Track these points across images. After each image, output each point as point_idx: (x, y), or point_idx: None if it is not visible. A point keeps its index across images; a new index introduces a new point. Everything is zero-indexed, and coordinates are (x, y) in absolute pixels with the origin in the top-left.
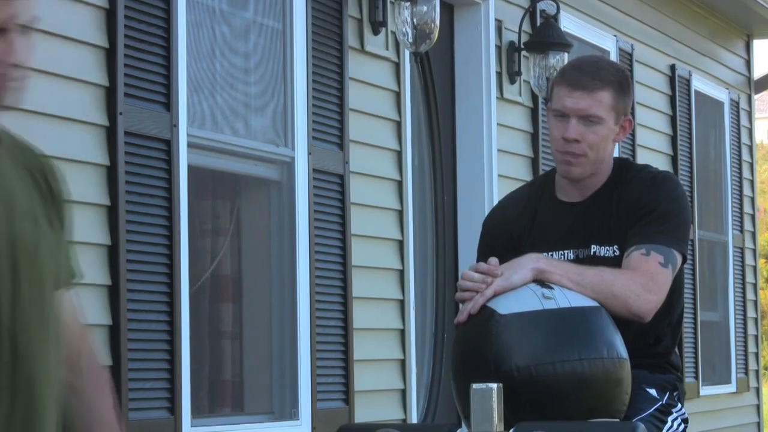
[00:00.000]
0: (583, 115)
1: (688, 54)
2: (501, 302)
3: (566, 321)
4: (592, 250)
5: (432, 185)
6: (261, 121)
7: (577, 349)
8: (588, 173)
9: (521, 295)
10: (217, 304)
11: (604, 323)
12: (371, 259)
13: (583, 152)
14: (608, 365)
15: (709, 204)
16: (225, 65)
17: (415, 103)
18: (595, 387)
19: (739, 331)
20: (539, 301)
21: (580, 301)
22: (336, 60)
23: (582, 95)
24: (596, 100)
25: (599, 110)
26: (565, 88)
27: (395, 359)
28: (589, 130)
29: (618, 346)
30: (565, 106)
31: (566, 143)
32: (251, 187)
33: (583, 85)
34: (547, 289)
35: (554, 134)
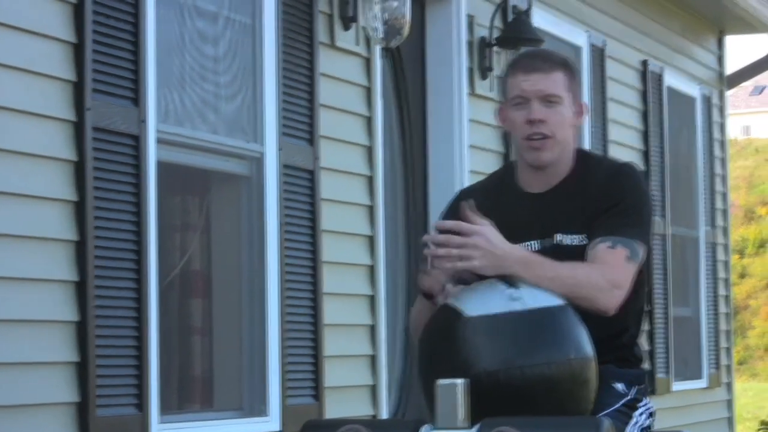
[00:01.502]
0: (543, 96)
1: (660, 50)
2: (467, 302)
3: (533, 323)
4: (556, 239)
5: (403, 181)
6: (230, 116)
7: (544, 352)
8: (556, 158)
9: (488, 295)
10: (187, 300)
11: (572, 322)
12: (341, 254)
13: (551, 133)
14: (575, 366)
15: (681, 199)
16: (194, 60)
17: (386, 99)
18: (562, 389)
19: (710, 326)
20: (506, 302)
21: (547, 300)
22: (306, 55)
23: (539, 76)
24: (552, 80)
25: (557, 89)
26: (520, 74)
27: (366, 355)
28: (551, 111)
29: (585, 344)
30: (524, 89)
31: (532, 126)
32: (220, 183)
33: (537, 67)
34: (514, 289)
35: (517, 122)
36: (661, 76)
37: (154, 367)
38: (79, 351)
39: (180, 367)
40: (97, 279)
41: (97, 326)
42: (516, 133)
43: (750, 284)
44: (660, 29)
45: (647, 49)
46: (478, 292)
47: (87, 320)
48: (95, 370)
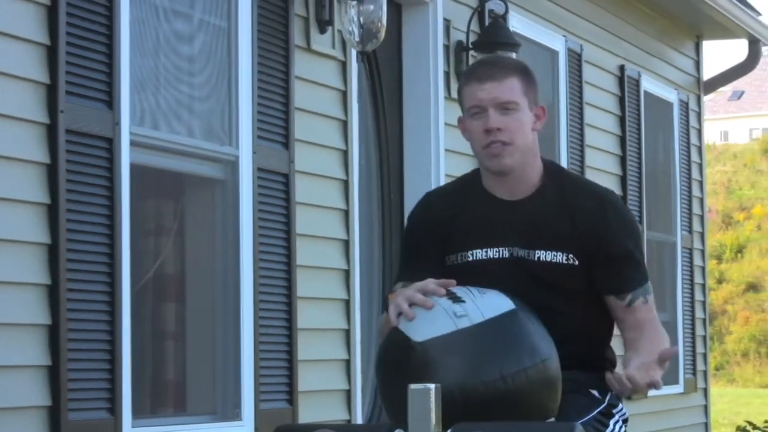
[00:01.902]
0: (499, 103)
1: (638, 54)
2: (414, 326)
3: (482, 338)
4: (536, 255)
5: (379, 185)
6: (205, 119)
7: (498, 366)
8: (518, 163)
9: (434, 316)
10: (160, 303)
11: (522, 327)
12: (316, 258)
13: (510, 140)
14: (532, 374)
15: (658, 205)
16: (169, 63)
17: (362, 103)
18: (522, 399)
19: (687, 331)
20: (452, 321)
21: (494, 309)
22: (282, 59)
23: (493, 84)
24: (507, 86)
25: (513, 95)
26: (474, 84)
27: (340, 359)
28: (508, 118)
29: (540, 346)
30: (479, 98)
31: (489, 135)
32: (195, 187)
33: (490, 76)
34: (458, 304)
35: (475, 131)
36: (638, 81)
37: (127, 370)
38: (51, 354)
39: (153, 371)
40: (69, 282)
41: (70, 330)
42: (474, 141)
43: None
44: (637, 34)
45: (624, 54)
46: (423, 314)
47: (59, 323)
48: (67, 373)
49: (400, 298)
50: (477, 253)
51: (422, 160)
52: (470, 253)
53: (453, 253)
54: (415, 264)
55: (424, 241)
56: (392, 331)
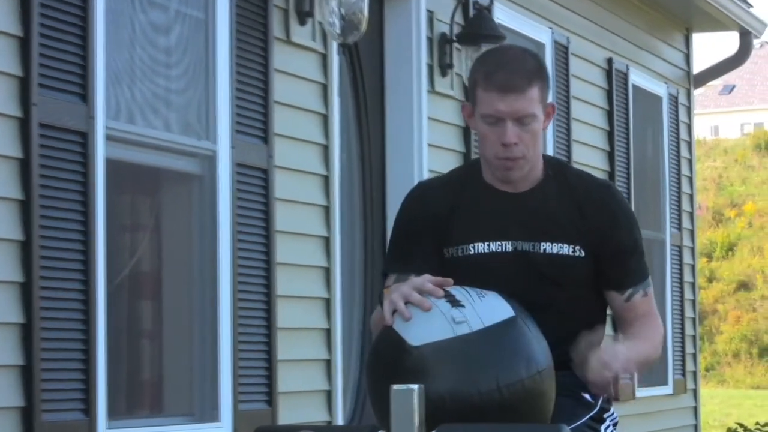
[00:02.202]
0: (518, 117)
1: (626, 47)
2: (410, 329)
3: (481, 346)
4: (541, 248)
5: (360, 181)
6: (182, 113)
7: (494, 377)
8: (525, 173)
9: (431, 321)
10: (136, 302)
11: (521, 336)
12: (296, 256)
13: (522, 154)
14: (529, 385)
15: (647, 201)
16: (145, 55)
17: (343, 96)
18: (517, 409)
19: (676, 331)
20: (450, 327)
21: (493, 316)
22: (260, 51)
23: (515, 97)
24: (529, 99)
25: (533, 107)
26: (495, 93)
27: (321, 359)
28: (524, 129)
29: (537, 356)
30: (499, 110)
31: (505, 148)
32: (171, 182)
33: (513, 87)
34: (456, 309)
35: (490, 139)
36: (626, 75)
37: (102, 370)
38: (24, 354)
39: (129, 371)
40: (42, 280)
41: (43, 328)
42: (487, 148)
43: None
44: (626, 26)
45: (612, 47)
46: (421, 317)
47: (32, 322)
48: (41, 373)
49: (396, 295)
50: (479, 247)
51: (405, 156)
52: (472, 246)
53: (453, 246)
54: (409, 255)
55: (420, 232)
56: (386, 330)
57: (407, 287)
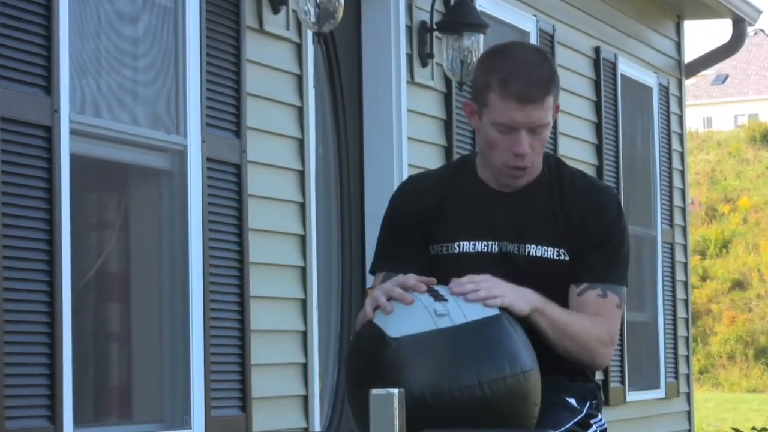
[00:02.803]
0: (533, 127)
1: (614, 35)
2: (390, 321)
3: (463, 340)
4: (527, 249)
5: (337, 176)
6: (150, 106)
7: (476, 371)
8: (532, 178)
9: (412, 313)
10: (103, 303)
11: (505, 334)
12: (270, 255)
13: (532, 162)
14: (512, 384)
15: (637, 197)
16: (111, 45)
17: (319, 88)
18: (498, 409)
19: (668, 332)
20: (432, 320)
21: (477, 312)
22: (232, 40)
23: (533, 108)
24: (545, 108)
25: (547, 118)
26: (513, 102)
27: (296, 363)
28: (536, 139)
29: (521, 356)
30: (516, 121)
31: (517, 158)
32: (140, 178)
33: (531, 98)
34: (439, 303)
35: (500, 146)
36: (614, 64)
37: (68, 375)
38: None
39: (96, 376)
40: (5, 281)
41: (6, 332)
42: (496, 154)
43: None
44: (614, 14)
45: (600, 35)
46: (402, 310)
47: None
48: (4, 379)
49: (378, 291)
50: (464, 246)
51: (384, 150)
52: (457, 244)
53: (438, 243)
54: (397, 252)
55: (408, 228)
56: (366, 324)
57: (390, 284)
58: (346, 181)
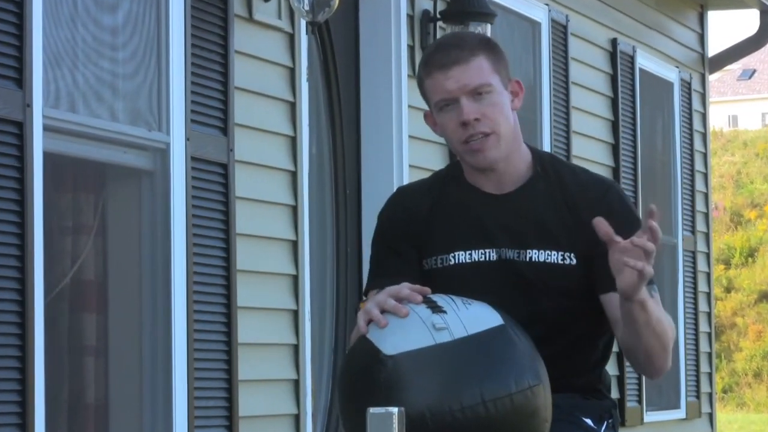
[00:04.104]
0: (470, 90)
1: (632, 26)
2: (385, 336)
3: (464, 356)
4: (528, 255)
5: (332, 177)
6: (130, 100)
7: (479, 389)
8: (503, 154)
9: (408, 327)
10: (78, 314)
11: (510, 346)
12: (260, 262)
13: (491, 129)
14: (518, 400)
15: (656, 201)
16: (88, 35)
17: (313, 82)
18: (505, 428)
19: (690, 348)
20: (430, 334)
21: (479, 324)
22: (219, 30)
23: (459, 69)
24: (475, 68)
25: (484, 77)
26: (437, 74)
27: (287, 379)
28: (483, 104)
29: (528, 370)
30: (447, 89)
31: (467, 127)
32: (119, 178)
33: (454, 60)
34: (437, 315)
35: (450, 127)
36: (633, 57)
37: (40, 391)
38: None
39: (70, 393)
40: None
41: None
42: (450, 137)
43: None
44: (632, 3)
45: (617, 26)
46: (398, 324)
47: None
48: None
49: (371, 304)
50: (460, 256)
51: (383, 149)
52: (452, 255)
53: (432, 255)
54: (389, 269)
55: (399, 242)
56: (359, 340)
57: (383, 295)
58: (342, 183)
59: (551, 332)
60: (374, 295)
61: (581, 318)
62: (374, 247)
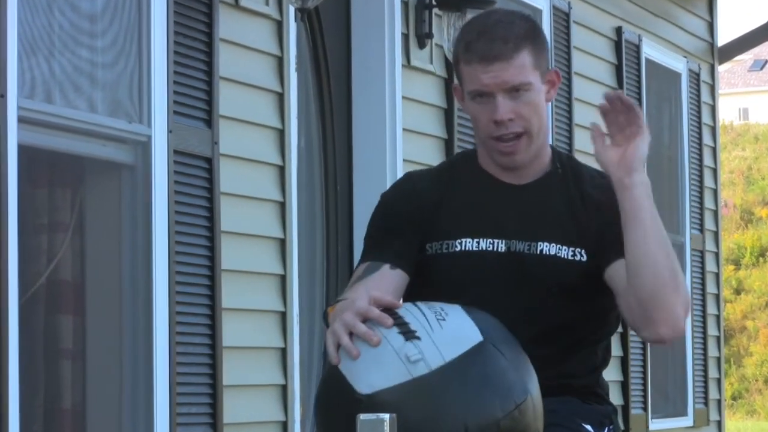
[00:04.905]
0: (509, 88)
1: (638, 14)
2: (358, 370)
3: (443, 387)
4: (539, 248)
5: (322, 172)
6: (110, 91)
7: (461, 420)
8: (532, 155)
9: (381, 359)
10: (54, 315)
11: (492, 365)
12: (246, 261)
13: (524, 129)
14: (506, 426)
15: (663, 198)
16: (65, 22)
17: (302, 71)
18: None
19: (697, 352)
20: (405, 368)
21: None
22: (203, 17)
23: (501, 66)
24: (517, 66)
25: (525, 75)
26: (477, 65)
27: (275, 384)
28: (520, 102)
29: (514, 386)
30: (484, 84)
31: (499, 126)
32: (97, 173)
33: (497, 54)
34: (411, 343)
35: (481, 119)
36: (638, 47)
37: (14, 396)
38: None
39: (46, 398)
40: None
41: None
42: (480, 129)
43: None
44: None
45: (622, 14)
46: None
47: None
48: None
49: (339, 325)
50: (467, 243)
51: (375, 142)
52: (459, 242)
53: (437, 240)
54: (385, 251)
55: (402, 225)
56: (331, 372)
57: (350, 314)
58: (333, 178)
59: (551, 332)
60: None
61: (583, 319)
62: (372, 227)
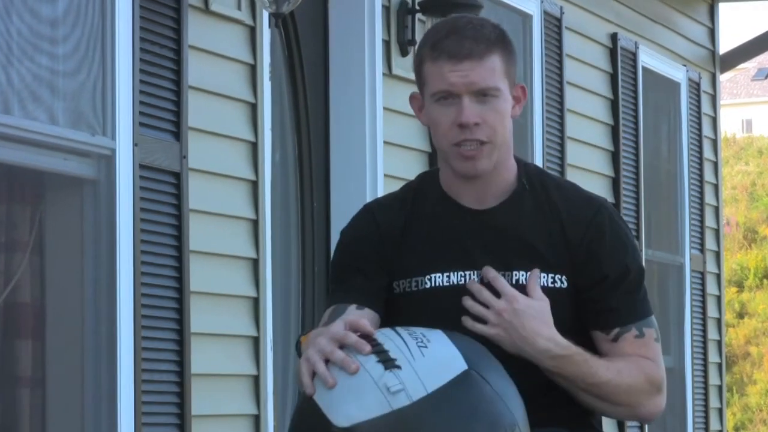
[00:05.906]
0: (476, 90)
1: (635, 20)
2: (335, 401)
3: (426, 419)
4: (514, 277)
5: (297, 187)
6: (71, 101)
7: None
8: (494, 163)
9: (360, 390)
10: (12, 340)
11: (476, 395)
12: (216, 283)
13: (488, 138)
14: None
15: (661, 215)
16: (24, 27)
17: (276, 80)
18: None
19: (698, 380)
20: (385, 399)
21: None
22: (171, 22)
23: (470, 65)
24: (488, 67)
25: (495, 80)
26: (444, 62)
27: (247, 414)
28: (487, 108)
29: (501, 417)
30: (452, 83)
31: (464, 131)
32: (58, 188)
33: (467, 53)
34: (391, 372)
35: (443, 123)
36: (635, 55)
37: None
38: None
39: (3, 427)
40: None
41: None
42: (440, 135)
43: (750, 326)
44: None
45: (618, 20)
46: (348, 388)
47: None
48: None
49: (313, 351)
50: (437, 278)
51: (354, 156)
52: (428, 278)
53: (405, 278)
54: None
55: (366, 263)
56: (306, 402)
57: (326, 340)
58: (309, 194)
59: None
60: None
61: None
62: (335, 269)
